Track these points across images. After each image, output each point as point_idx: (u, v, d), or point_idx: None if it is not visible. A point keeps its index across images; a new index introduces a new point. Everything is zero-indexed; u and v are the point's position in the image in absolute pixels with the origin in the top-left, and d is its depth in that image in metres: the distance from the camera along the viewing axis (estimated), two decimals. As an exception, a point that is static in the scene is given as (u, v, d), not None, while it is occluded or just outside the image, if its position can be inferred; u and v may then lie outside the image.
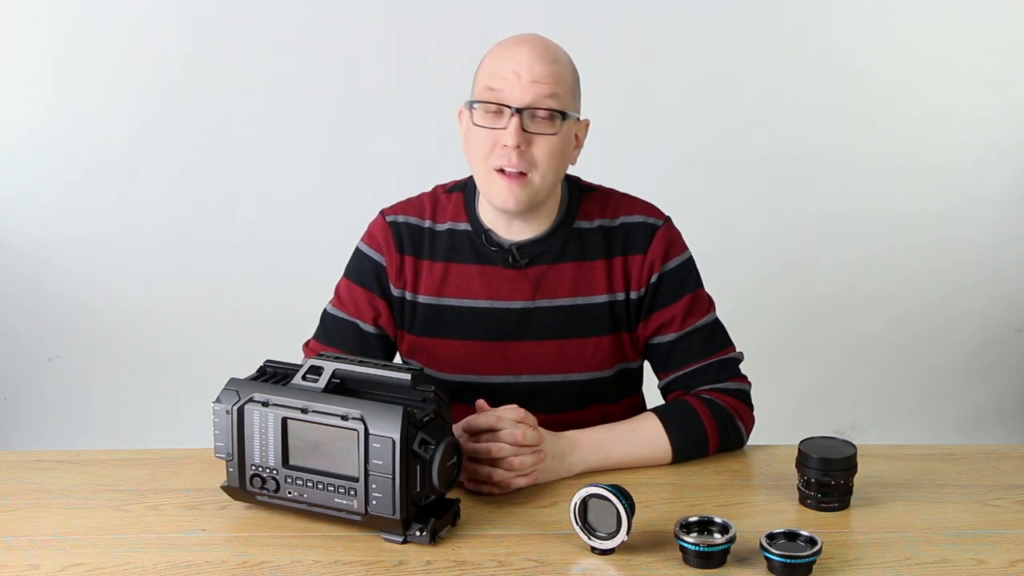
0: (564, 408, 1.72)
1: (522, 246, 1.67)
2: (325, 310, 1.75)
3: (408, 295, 1.70)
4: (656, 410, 1.66)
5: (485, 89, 1.59)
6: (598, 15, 3.07)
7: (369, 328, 1.71)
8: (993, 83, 3.21)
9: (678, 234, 1.73)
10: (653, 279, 1.69)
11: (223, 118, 3.10)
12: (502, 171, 1.59)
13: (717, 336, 1.73)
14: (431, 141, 2.99)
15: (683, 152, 3.17)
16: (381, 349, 1.73)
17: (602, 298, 1.69)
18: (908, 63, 3.19)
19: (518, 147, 1.56)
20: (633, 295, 1.69)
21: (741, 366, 1.76)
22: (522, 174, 1.58)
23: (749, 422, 1.70)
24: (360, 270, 1.73)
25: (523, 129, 1.57)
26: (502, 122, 1.58)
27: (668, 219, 1.73)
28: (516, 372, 1.71)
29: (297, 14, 3.05)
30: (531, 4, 2.99)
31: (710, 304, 1.74)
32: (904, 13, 3.16)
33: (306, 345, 1.76)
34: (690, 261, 1.73)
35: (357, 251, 1.74)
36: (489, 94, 1.59)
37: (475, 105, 1.60)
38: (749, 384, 1.74)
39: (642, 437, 1.61)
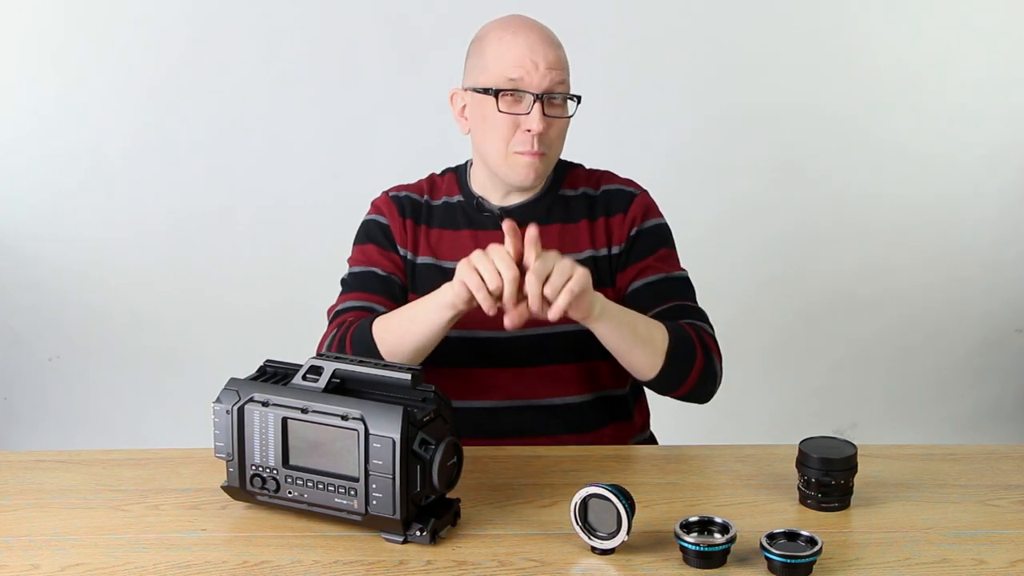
0: (555, 361, 1.77)
1: (511, 210, 1.78)
2: (342, 279, 1.82)
3: (409, 255, 1.79)
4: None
5: (504, 79, 1.67)
6: (599, 13, 3.07)
7: (388, 275, 1.77)
8: (993, 83, 3.21)
9: (655, 204, 1.84)
10: (632, 233, 1.78)
11: (223, 118, 3.10)
12: (521, 152, 1.69)
13: (691, 289, 1.80)
14: (431, 141, 2.99)
15: (683, 153, 3.17)
16: (402, 294, 1.78)
17: (585, 254, 1.77)
18: (908, 63, 3.19)
19: (541, 132, 1.66)
20: (615, 250, 1.78)
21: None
22: (543, 153, 1.69)
23: (720, 359, 1.71)
24: (369, 232, 1.82)
25: (544, 114, 1.66)
26: (522, 107, 1.67)
27: (645, 191, 1.84)
28: (504, 327, 1.73)
29: (296, 12, 3.05)
30: (536, 4, 3.00)
31: (683, 269, 1.81)
32: (905, 13, 3.16)
33: (329, 310, 1.78)
34: (667, 227, 1.83)
35: (364, 222, 1.84)
36: (510, 83, 1.67)
37: (497, 93, 1.67)
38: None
39: (646, 319, 1.64)
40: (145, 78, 3.06)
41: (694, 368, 1.65)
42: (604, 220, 1.79)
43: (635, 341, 1.61)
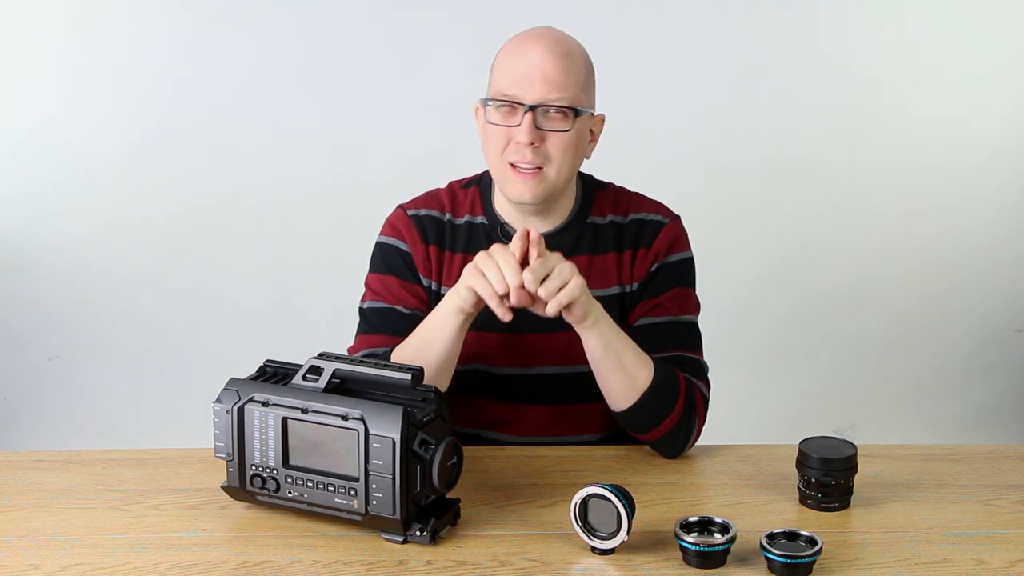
0: (574, 400, 1.74)
1: None
2: (361, 308, 1.75)
3: (433, 285, 1.73)
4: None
5: (498, 90, 1.63)
6: (602, 16, 3.07)
7: (411, 311, 1.71)
8: (993, 83, 3.21)
9: (684, 233, 1.77)
10: (653, 268, 1.72)
11: (224, 119, 3.10)
12: (516, 166, 1.62)
13: (697, 337, 1.75)
14: (433, 141, 3.00)
15: (684, 152, 3.17)
16: None
17: (613, 290, 1.72)
18: (908, 63, 3.19)
19: (531, 144, 1.60)
20: (634, 286, 1.73)
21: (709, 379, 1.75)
22: (538, 169, 1.62)
23: (702, 421, 1.67)
24: (388, 261, 1.74)
25: (536, 126, 1.60)
26: (515, 119, 1.61)
27: (677, 217, 1.78)
28: (527, 364, 1.72)
29: (299, 13, 3.05)
30: (535, 4, 2.99)
31: (697, 307, 1.77)
32: (904, 14, 3.16)
33: (350, 348, 1.73)
34: (690, 261, 1.76)
35: (381, 245, 1.76)
36: (502, 94, 1.62)
37: (488, 103, 1.63)
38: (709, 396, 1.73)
39: (638, 352, 1.60)
40: (145, 78, 3.06)
41: (667, 419, 1.61)
42: (631, 253, 1.72)
43: (617, 366, 1.58)
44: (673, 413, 1.61)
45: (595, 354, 1.59)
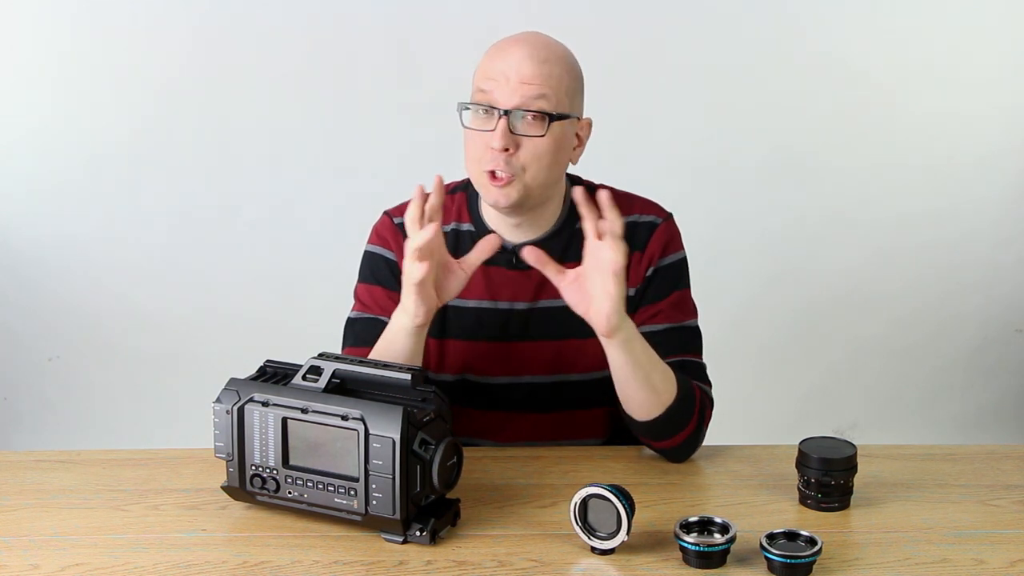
0: (565, 408, 1.73)
1: (522, 247, 1.66)
2: (349, 318, 1.72)
3: None
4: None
5: (476, 91, 1.60)
6: (600, 17, 3.07)
7: None
8: (993, 83, 3.21)
9: (677, 233, 1.75)
10: (649, 272, 1.70)
11: (223, 119, 3.10)
12: (493, 174, 1.59)
13: (699, 340, 1.73)
14: (431, 142, 2.98)
15: (685, 154, 3.17)
16: None
17: None
18: (908, 64, 3.19)
19: (505, 149, 1.56)
20: (631, 291, 1.69)
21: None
22: (512, 176, 1.58)
23: (708, 424, 1.67)
24: (375, 271, 1.72)
25: (511, 131, 1.56)
26: (491, 124, 1.58)
27: (669, 216, 1.75)
28: (516, 373, 1.71)
29: (298, 15, 3.05)
30: (532, 5, 3.00)
31: (695, 309, 1.75)
32: (904, 14, 3.16)
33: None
34: (684, 262, 1.74)
35: (368, 254, 1.74)
36: (479, 96, 1.59)
37: (467, 108, 1.60)
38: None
39: (664, 369, 1.58)
40: (146, 79, 3.06)
41: (681, 433, 1.60)
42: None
43: (644, 384, 1.55)
44: (686, 430, 1.60)
45: (620, 372, 1.55)
